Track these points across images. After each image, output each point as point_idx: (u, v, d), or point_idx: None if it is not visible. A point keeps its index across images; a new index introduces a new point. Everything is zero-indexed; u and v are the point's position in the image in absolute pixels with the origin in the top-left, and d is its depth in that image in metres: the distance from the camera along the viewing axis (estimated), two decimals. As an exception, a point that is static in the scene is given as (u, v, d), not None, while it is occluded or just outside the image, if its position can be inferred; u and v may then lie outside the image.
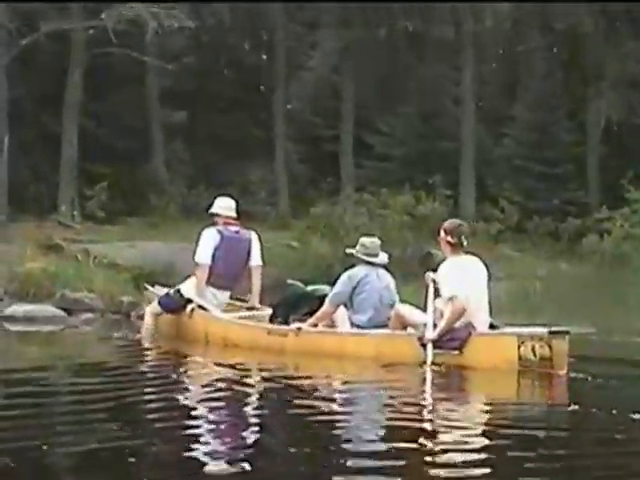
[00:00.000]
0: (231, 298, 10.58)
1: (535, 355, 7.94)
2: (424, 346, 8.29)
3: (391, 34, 29.29)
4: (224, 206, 10.48)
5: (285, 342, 9.37)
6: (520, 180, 27.37)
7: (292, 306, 9.91)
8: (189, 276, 10.46)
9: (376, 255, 9.32)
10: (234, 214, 10.50)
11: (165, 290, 10.87)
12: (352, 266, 9.45)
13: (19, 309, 13.26)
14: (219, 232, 10.26)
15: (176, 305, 10.26)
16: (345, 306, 9.25)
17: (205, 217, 25.79)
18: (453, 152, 28.05)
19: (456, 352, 8.17)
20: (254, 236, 10.46)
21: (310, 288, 10.07)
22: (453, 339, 8.20)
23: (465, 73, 28.30)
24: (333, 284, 9.35)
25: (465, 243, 8.50)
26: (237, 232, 10.38)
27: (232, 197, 10.78)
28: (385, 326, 9.05)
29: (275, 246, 20.62)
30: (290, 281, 10.46)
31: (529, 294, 16.43)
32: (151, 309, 10.52)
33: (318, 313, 9.29)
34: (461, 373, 8.00)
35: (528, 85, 29.44)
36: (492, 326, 8.53)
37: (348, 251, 9.58)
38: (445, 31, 29.58)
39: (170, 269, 15.82)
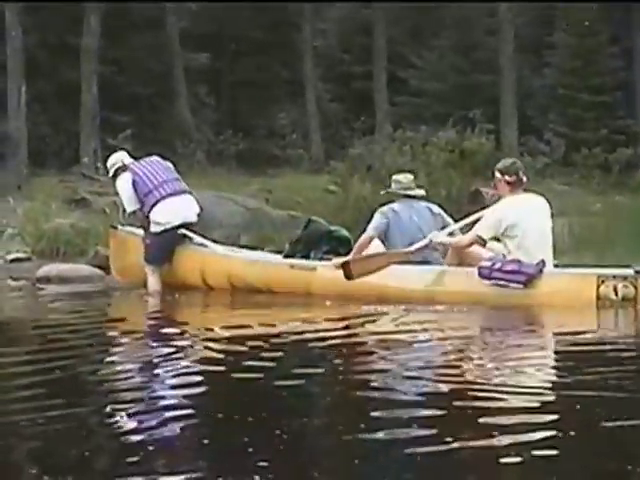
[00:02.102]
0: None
1: (617, 295, 7.53)
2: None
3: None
4: (126, 156, 9.97)
5: (313, 279, 8.57)
6: (565, 110, 26.14)
7: (314, 242, 9.33)
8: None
9: (412, 189, 8.92)
10: None
11: (137, 230, 10.10)
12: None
13: (53, 269, 12.07)
14: (129, 170, 9.72)
15: (162, 251, 9.61)
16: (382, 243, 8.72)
17: (233, 164, 24.77)
18: (492, 85, 26.86)
19: (520, 286, 7.62)
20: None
21: (332, 228, 9.65)
22: (520, 272, 7.65)
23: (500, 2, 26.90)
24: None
25: (524, 179, 8.10)
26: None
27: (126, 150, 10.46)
28: None
29: (313, 191, 19.58)
30: (314, 218, 9.96)
31: (592, 230, 15.22)
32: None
33: (358, 243, 8.72)
34: (531, 311, 7.51)
35: (567, 11, 28.13)
36: (556, 267, 8.11)
37: (383, 192, 9.26)
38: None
39: (200, 217, 14.86)
